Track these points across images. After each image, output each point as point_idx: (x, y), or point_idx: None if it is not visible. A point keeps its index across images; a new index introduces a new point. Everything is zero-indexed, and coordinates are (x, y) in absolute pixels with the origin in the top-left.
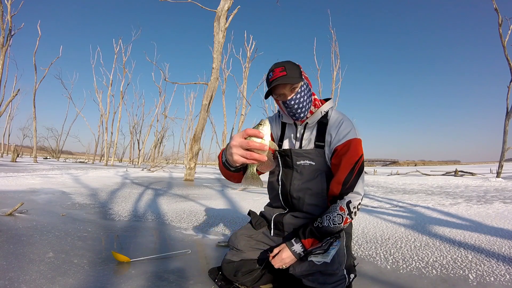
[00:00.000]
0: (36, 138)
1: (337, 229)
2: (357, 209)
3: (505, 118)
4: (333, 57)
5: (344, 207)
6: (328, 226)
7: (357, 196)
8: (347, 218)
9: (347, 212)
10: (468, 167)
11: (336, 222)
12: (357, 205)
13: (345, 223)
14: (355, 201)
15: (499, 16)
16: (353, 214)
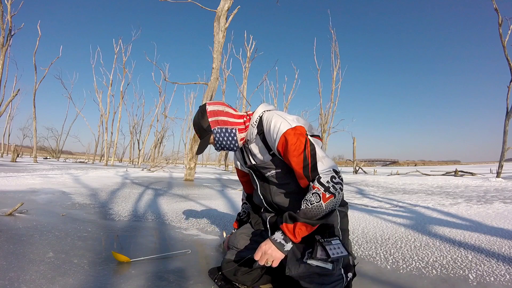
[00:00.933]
0: (36, 138)
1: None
2: (334, 183)
3: (505, 118)
4: (333, 57)
5: (316, 185)
6: (305, 208)
7: (326, 172)
8: (325, 194)
9: (322, 189)
10: (468, 167)
11: (313, 201)
12: (330, 178)
13: (325, 199)
14: (326, 176)
15: (499, 16)
16: (331, 189)
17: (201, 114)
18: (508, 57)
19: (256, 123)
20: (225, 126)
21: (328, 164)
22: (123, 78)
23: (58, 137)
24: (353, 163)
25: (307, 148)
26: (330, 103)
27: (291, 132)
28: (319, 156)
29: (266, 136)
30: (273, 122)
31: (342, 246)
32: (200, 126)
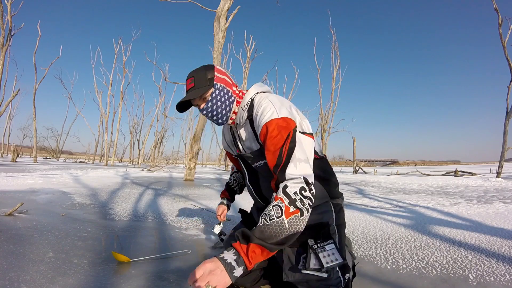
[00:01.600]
0: (36, 138)
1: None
2: (303, 196)
3: (505, 118)
4: (333, 57)
5: (280, 195)
6: (263, 224)
7: (295, 179)
8: (288, 208)
9: (287, 201)
10: (468, 167)
11: (273, 215)
12: (299, 188)
13: (287, 214)
14: (294, 184)
15: (499, 16)
16: (298, 203)
17: (207, 66)
18: (508, 57)
19: (247, 107)
20: (228, 88)
21: (301, 171)
22: (123, 78)
23: (58, 137)
24: (353, 163)
25: (286, 144)
26: (330, 103)
27: (275, 122)
28: (296, 157)
29: (254, 122)
30: (262, 108)
31: (337, 252)
32: (202, 75)
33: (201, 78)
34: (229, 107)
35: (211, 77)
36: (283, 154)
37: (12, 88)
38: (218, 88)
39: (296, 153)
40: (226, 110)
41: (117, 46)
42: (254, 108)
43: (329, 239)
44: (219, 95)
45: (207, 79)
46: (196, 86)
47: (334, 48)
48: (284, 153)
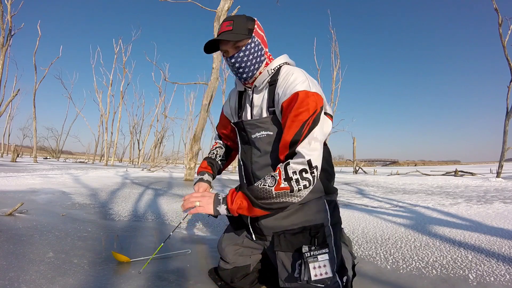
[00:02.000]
0: (36, 138)
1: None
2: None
3: (505, 118)
4: (333, 57)
5: (281, 169)
6: (257, 185)
7: (300, 158)
8: (280, 183)
9: (283, 176)
10: (468, 167)
11: (267, 183)
12: (299, 170)
13: (277, 188)
14: (296, 165)
15: (499, 16)
16: (293, 182)
17: (249, 17)
18: (508, 57)
19: (273, 72)
20: (262, 46)
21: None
22: (123, 78)
23: (58, 137)
24: (353, 163)
25: (310, 120)
26: (330, 103)
27: (307, 94)
28: (313, 135)
29: (277, 88)
30: (293, 76)
31: (329, 264)
32: (242, 22)
33: (241, 25)
34: (258, 65)
35: (251, 28)
36: (304, 129)
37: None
38: (255, 41)
39: (315, 131)
40: (255, 67)
41: (117, 46)
42: (280, 75)
43: (324, 247)
44: (253, 48)
45: (247, 28)
46: (234, 30)
47: (334, 48)
48: (306, 129)
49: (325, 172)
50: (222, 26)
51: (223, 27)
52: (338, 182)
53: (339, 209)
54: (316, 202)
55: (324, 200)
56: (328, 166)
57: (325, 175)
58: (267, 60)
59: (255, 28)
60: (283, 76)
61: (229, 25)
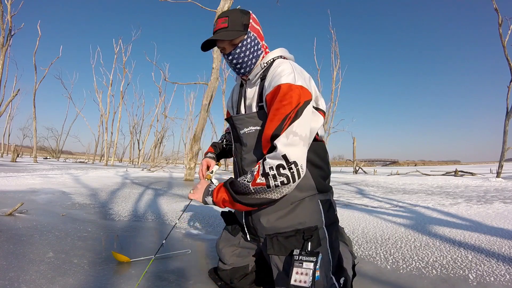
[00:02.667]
0: (36, 138)
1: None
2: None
3: (505, 118)
4: (333, 57)
5: (260, 164)
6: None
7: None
8: (257, 178)
9: (261, 172)
10: (468, 167)
11: (247, 178)
12: (275, 165)
13: (254, 183)
14: (272, 160)
15: (499, 16)
16: (269, 177)
17: (244, 11)
18: (508, 57)
19: (266, 66)
20: (259, 40)
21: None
22: (123, 78)
23: (58, 137)
24: (353, 163)
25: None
26: (330, 103)
27: (289, 86)
28: (293, 130)
29: (265, 82)
30: (280, 68)
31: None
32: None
33: (236, 21)
34: (255, 59)
35: (246, 23)
36: (285, 123)
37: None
38: (251, 36)
39: (294, 125)
40: (252, 62)
41: (117, 46)
42: (270, 69)
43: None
44: (250, 44)
45: (242, 24)
46: (229, 27)
47: (334, 48)
48: (287, 123)
49: (319, 169)
50: (218, 23)
51: (218, 24)
52: (338, 182)
53: (334, 208)
54: (309, 202)
55: (318, 200)
56: (322, 163)
57: (319, 173)
58: (263, 54)
59: (250, 22)
60: (272, 70)
61: (224, 22)
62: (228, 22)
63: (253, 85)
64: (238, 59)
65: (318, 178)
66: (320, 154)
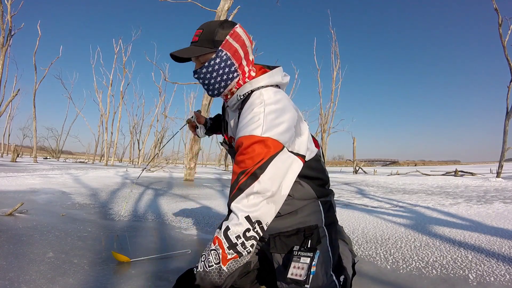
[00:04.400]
0: (36, 138)
1: (218, 273)
2: (247, 237)
3: (505, 118)
4: (333, 57)
5: (220, 237)
6: (203, 270)
7: (236, 219)
8: (226, 254)
9: (226, 245)
10: (468, 167)
11: (211, 261)
12: (242, 232)
13: (225, 261)
14: (237, 228)
15: (499, 16)
16: (238, 247)
17: (225, 24)
18: (508, 57)
19: (243, 98)
20: (233, 61)
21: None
22: (123, 78)
23: (58, 137)
24: (353, 163)
25: (251, 170)
26: (330, 103)
27: (253, 140)
28: (253, 190)
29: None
30: (250, 115)
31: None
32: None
33: (207, 36)
34: (225, 83)
35: (220, 39)
36: (241, 179)
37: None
38: (221, 56)
39: (256, 184)
40: (220, 85)
41: (117, 46)
42: (246, 105)
43: (312, 250)
44: (218, 64)
45: (213, 40)
46: (198, 42)
47: (334, 48)
48: (243, 178)
49: (316, 180)
50: (194, 34)
51: (194, 36)
52: (338, 182)
53: (334, 209)
54: (310, 204)
55: (319, 201)
56: (319, 174)
57: (317, 183)
58: (240, 78)
59: (226, 39)
60: (245, 109)
61: (198, 35)
62: (200, 36)
63: (233, 113)
64: (204, 79)
65: (317, 187)
66: (315, 167)
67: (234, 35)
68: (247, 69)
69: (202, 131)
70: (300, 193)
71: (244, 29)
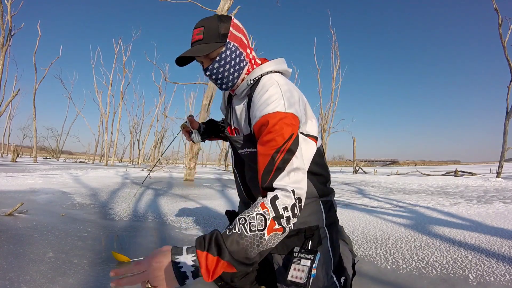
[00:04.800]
0: (36, 138)
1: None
2: (293, 214)
3: (505, 118)
4: (333, 57)
5: (267, 205)
6: (241, 233)
7: (285, 192)
8: (274, 223)
9: (273, 214)
10: (468, 167)
11: (255, 225)
12: (290, 206)
13: (270, 230)
14: (285, 199)
15: (499, 16)
16: (283, 220)
17: (222, 18)
18: (508, 57)
19: (252, 83)
20: (241, 50)
21: (295, 183)
22: (123, 78)
23: (58, 137)
24: (353, 163)
25: (286, 147)
26: (330, 103)
27: (280, 117)
28: (293, 165)
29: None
30: (267, 94)
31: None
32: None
33: (212, 32)
34: (238, 73)
35: (225, 32)
36: (277, 158)
37: (12, 88)
38: (231, 48)
39: (294, 160)
40: (234, 76)
41: (117, 46)
42: (256, 89)
43: (313, 252)
44: (229, 56)
45: (219, 34)
46: (204, 40)
47: (334, 48)
48: (280, 157)
49: (319, 176)
50: (193, 34)
51: (194, 36)
52: (338, 182)
53: (335, 208)
54: (310, 204)
55: (320, 201)
56: (321, 169)
57: (319, 180)
58: (248, 66)
59: (230, 30)
60: (258, 91)
61: (200, 33)
62: (203, 33)
63: (240, 102)
64: (217, 74)
65: (318, 185)
66: (319, 162)
67: (235, 26)
68: (252, 56)
69: (197, 136)
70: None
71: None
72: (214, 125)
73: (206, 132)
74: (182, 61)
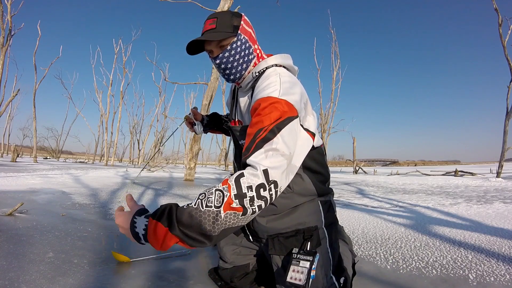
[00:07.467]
0: (36, 138)
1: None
2: (258, 196)
3: (505, 118)
4: (333, 57)
5: (230, 182)
6: (196, 207)
7: (254, 170)
8: (232, 201)
9: (234, 192)
10: (468, 167)
11: (212, 201)
12: (256, 185)
13: (226, 208)
14: (252, 178)
15: (499, 16)
16: (246, 200)
17: (235, 13)
18: (508, 57)
19: (257, 75)
20: (250, 43)
21: (270, 163)
22: (123, 78)
23: (58, 137)
24: (353, 163)
25: (269, 127)
26: (330, 103)
27: (271, 100)
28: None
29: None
30: (267, 81)
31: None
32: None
33: (225, 22)
34: (246, 64)
35: (237, 24)
36: (258, 136)
37: (12, 88)
38: (241, 39)
39: (275, 140)
40: (242, 67)
41: (117, 46)
42: (261, 79)
43: (311, 254)
44: (240, 47)
45: (232, 25)
46: (217, 29)
47: (334, 48)
48: (261, 135)
49: (318, 174)
50: (206, 25)
51: (206, 26)
52: (338, 182)
53: (334, 209)
54: (309, 204)
55: (318, 201)
56: (321, 168)
57: (318, 178)
58: (255, 60)
59: (241, 24)
60: (260, 80)
61: (213, 23)
62: (217, 23)
63: (245, 94)
64: (226, 64)
65: (317, 183)
66: (318, 160)
67: (245, 21)
68: (258, 51)
69: (199, 127)
70: (300, 187)
71: None
72: (217, 117)
73: (209, 124)
74: (193, 49)
